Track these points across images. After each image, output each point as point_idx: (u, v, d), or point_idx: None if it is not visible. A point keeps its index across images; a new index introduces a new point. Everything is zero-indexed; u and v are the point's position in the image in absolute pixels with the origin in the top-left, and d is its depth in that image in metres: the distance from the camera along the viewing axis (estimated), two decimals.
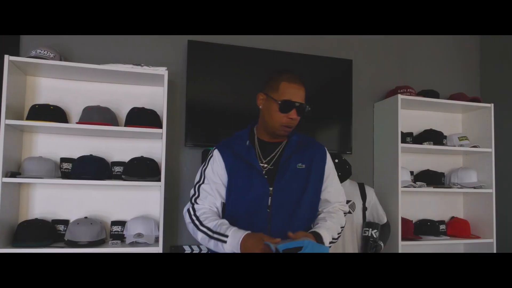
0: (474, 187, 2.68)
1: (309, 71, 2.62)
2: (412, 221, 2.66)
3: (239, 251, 1.26)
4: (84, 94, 2.26)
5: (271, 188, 1.38)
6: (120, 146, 2.30)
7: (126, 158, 2.25)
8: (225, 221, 1.35)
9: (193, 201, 1.45)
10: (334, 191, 1.51)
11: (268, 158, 1.45)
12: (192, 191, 1.48)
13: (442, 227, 2.77)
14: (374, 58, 2.89)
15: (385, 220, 2.39)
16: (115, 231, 2.22)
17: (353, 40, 2.83)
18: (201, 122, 2.40)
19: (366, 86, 2.84)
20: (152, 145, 2.33)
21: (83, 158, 2.13)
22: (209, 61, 2.43)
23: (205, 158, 2.39)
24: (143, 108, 2.19)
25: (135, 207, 2.30)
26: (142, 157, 2.21)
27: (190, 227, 1.41)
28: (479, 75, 3.18)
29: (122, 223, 2.22)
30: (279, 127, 1.40)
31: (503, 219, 2.79)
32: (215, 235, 1.32)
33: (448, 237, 2.68)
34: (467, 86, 3.11)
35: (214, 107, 2.43)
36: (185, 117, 2.39)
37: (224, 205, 1.47)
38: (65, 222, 2.16)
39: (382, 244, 2.25)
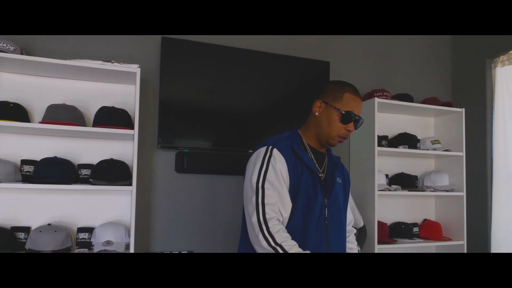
0: (446, 190, 2.73)
1: (286, 72, 2.58)
2: (387, 224, 2.67)
3: None
4: (48, 91, 2.10)
5: (325, 199, 1.36)
6: (87, 148, 2.15)
7: (94, 160, 2.12)
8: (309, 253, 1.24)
9: (260, 209, 1.24)
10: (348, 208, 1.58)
11: (322, 168, 1.42)
12: (252, 197, 1.27)
13: (415, 229, 2.80)
14: (350, 61, 2.89)
15: (361, 224, 2.38)
16: (82, 238, 2.08)
17: (330, 43, 2.82)
18: (175, 122, 2.30)
19: None
20: (122, 146, 2.20)
21: (46, 160, 1.97)
22: (184, 59, 2.33)
23: (180, 160, 2.32)
24: (113, 108, 2.06)
25: (104, 213, 2.16)
26: (111, 159, 2.08)
27: (268, 251, 1.21)
28: (451, 80, 3.25)
29: (89, 230, 2.08)
30: (335, 137, 1.38)
31: (473, 221, 2.86)
32: None
33: (421, 240, 2.71)
34: (439, 91, 3.17)
35: (189, 107, 2.33)
36: (158, 118, 2.27)
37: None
38: (26, 230, 2.00)
39: (359, 248, 2.24)
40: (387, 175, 2.78)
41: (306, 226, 1.31)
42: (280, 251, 1.19)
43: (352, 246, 1.56)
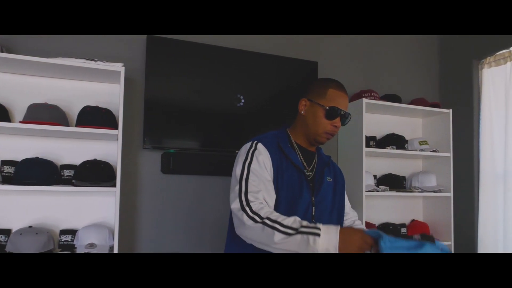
0: (434, 191, 2.73)
1: (275, 72, 2.56)
2: (375, 224, 2.67)
3: (336, 246, 1.08)
4: (30, 90, 2.05)
5: (313, 198, 1.35)
6: (70, 148, 2.11)
7: (77, 161, 2.07)
8: (298, 218, 1.17)
9: (243, 197, 1.21)
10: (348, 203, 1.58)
11: (311, 166, 1.42)
12: (235, 186, 1.25)
13: (403, 230, 2.80)
14: (339, 61, 2.88)
15: None
16: (64, 240, 2.03)
17: (319, 43, 2.81)
18: (161, 123, 2.26)
19: None
20: (106, 147, 2.16)
21: (27, 161, 1.93)
22: (170, 58, 2.29)
23: (166, 161, 2.28)
24: (96, 107, 2.02)
25: (87, 215, 2.12)
26: (95, 160, 2.04)
27: (256, 229, 1.16)
28: (439, 81, 3.27)
29: (72, 232, 2.04)
30: (322, 134, 1.37)
31: (460, 222, 2.87)
32: (303, 229, 1.12)
33: None
34: (427, 92, 3.18)
35: (176, 107, 2.29)
36: (143, 118, 2.24)
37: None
38: (7, 232, 1.95)
39: None
40: (375, 176, 2.78)
41: None
42: (269, 223, 1.14)
43: (358, 223, 1.55)
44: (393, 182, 2.77)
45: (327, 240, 1.09)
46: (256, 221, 1.16)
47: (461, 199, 2.90)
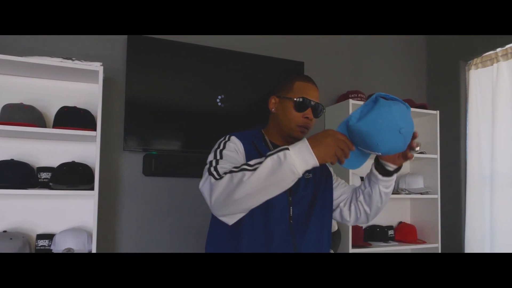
0: (421, 193, 2.71)
1: (261, 72, 2.52)
2: (362, 227, 2.64)
3: (310, 152, 1.03)
4: (4, 90, 1.99)
5: (290, 198, 1.30)
6: (47, 150, 2.05)
7: (54, 163, 2.01)
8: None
9: (212, 169, 1.14)
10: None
11: None
12: (206, 167, 1.18)
13: (391, 232, 2.78)
14: (325, 62, 2.85)
15: (336, 228, 2.34)
16: (41, 245, 1.97)
17: (305, 43, 2.77)
18: (142, 124, 2.21)
19: None
20: (85, 148, 2.10)
21: (2, 163, 1.87)
22: (152, 58, 2.24)
23: (147, 163, 2.23)
24: (74, 107, 1.96)
25: (65, 219, 2.06)
26: (73, 162, 1.98)
27: (225, 182, 1.07)
28: (426, 82, 3.26)
29: (49, 237, 1.97)
30: (295, 128, 1.32)
31: (447, 224, 2.85)
32: (271, 153, 1.05)
33: (396, 243, 2.69)
34: (414, 93, 3.17)
35: (157, 108, 2.24)
36: (124, 118, 2.18)
37: None
38: None
39: (333, 252, 2.21)
40: (362, 178, 2.75)
41: (267, 225, 1.25)
42: (235, 169, 1.08)
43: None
44: None
45: (298, 149, 1.03)
46: (222, 177, 1.09)
47: (448, 200, 2.88)
